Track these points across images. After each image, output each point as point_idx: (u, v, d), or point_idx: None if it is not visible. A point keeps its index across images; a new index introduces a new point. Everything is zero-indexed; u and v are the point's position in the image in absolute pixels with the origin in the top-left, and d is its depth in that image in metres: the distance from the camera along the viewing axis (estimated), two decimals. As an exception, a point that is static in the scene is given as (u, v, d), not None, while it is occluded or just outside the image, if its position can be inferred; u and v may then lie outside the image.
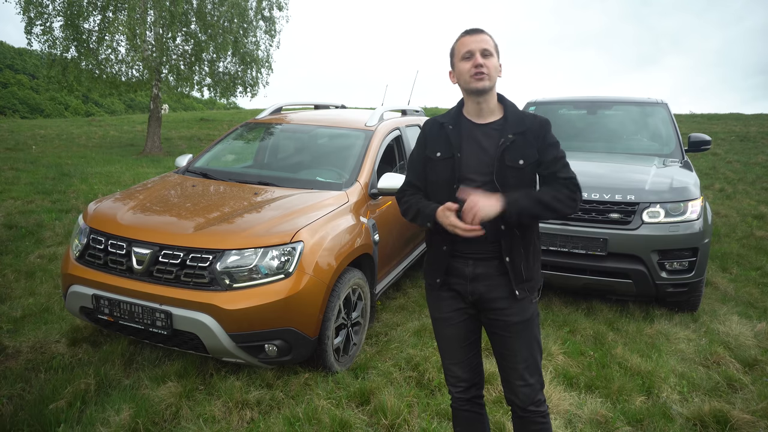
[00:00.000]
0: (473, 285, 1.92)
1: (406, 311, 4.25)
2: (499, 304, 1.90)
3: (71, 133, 16.86)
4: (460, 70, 1.89)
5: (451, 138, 1.93)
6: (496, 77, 1.88)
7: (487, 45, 1.86)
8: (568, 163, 1.92)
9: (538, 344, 1.95)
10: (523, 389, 1.92)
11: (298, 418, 2.70)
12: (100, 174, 9.55)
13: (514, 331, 1.91)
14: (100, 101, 55.04)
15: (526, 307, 1.91)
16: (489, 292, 1.90)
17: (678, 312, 4.32)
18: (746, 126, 16.54)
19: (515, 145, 1.86)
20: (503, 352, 1.95)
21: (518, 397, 1.94)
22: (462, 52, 1.88)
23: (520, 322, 1.90)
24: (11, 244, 5.43)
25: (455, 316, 1.99)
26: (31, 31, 12.96)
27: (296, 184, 3.74)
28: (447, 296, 1.99)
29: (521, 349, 1.91)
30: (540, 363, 1.96)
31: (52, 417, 2.65)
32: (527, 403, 1.93)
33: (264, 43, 15.39)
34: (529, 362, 1.92)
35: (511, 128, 1.88)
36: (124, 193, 3.72)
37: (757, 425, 2.75)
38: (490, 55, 1.86)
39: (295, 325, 2.88)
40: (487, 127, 1.92)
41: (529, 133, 1.87)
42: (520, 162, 1.85)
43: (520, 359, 1.91)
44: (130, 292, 2.90)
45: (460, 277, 1.93)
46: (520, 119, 1.90)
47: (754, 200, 8.65)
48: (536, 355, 1.94)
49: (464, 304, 1.97)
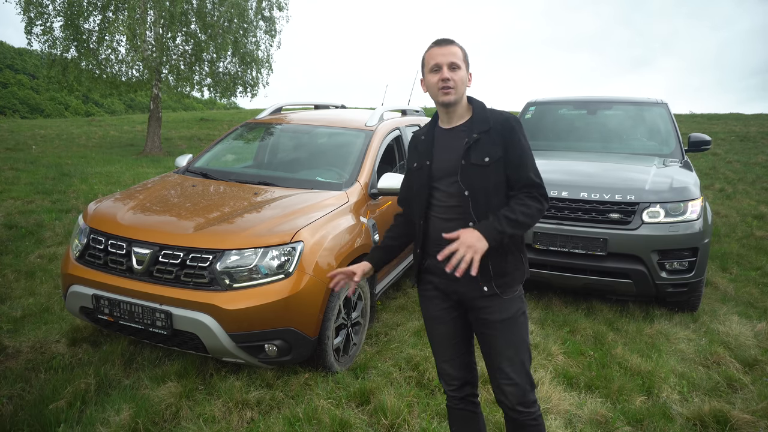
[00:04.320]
0: (454, 284, 1.94)
1: (406, 311, 4.26)
2: (479, 302, 1.91)
3: (71, 133, 16.86)
4: (428, 81, 1.92)
5: (421, 148, 2.01)
6: (464, 89, 1.92)
7: (454, 58, 1.88)
8: (535, 167, 1.90)
9: (525, 343, 1.93)
10: (508, 388, 1.91)
11: (298, 418, 2.70)
12: (100, 174, 9.55)
13: (497, 329, 1.90)
14: (100, 101, 55.00)
15: (508, 305, 1.90)
16: (468, 291, 1.92)
17: (678, 312, 4.32)
18: (746, 126, 16.54)
19: (480, 143, 1.87)
20: (488, 350, 1.96)
21: (506, 397, 1.93)
22: (431, 65, 1.90)
23: (503, 320, 1.89)
24: (11, 244, 5.43)
25: (443, 315, 2.01)
26: (31, 31, 12.97)
27: (296, 184, 3.74)
28: (434, 296, 2.03)
29: (505, 348, 1.90)
30: (527, 363, 1.93)
31: (52, 417, 2.65)
32: (514, 402, 1.91)
33: (264, 43, 15.40)
34: (514, 361, 1.90)
35: (477, 127, 1.90)
36: (124, 193, 3.72)
37: (757, 425, 2.75)
38: (458, 67, 1.88)
39: (295, 325, 2.88)
40: (455, 130, 1.95)
41: (493, 130, 1.88)
42: (486, 159, 1.86)
43: (504, 357, 1.90)
44: (130, 292, 2.90)
45: (443, 276, 1.96)
46: (485, 118, 1.91)
47: (754, 200, 8.65)
48: (522, 355, 1.91)
49: (450, 302, 2.00)
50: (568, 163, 4.84)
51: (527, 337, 1.95)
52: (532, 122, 5.93)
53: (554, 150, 5.50)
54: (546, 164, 4.67)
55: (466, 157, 1.87)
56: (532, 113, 6.08)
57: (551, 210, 4.18)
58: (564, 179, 4.33)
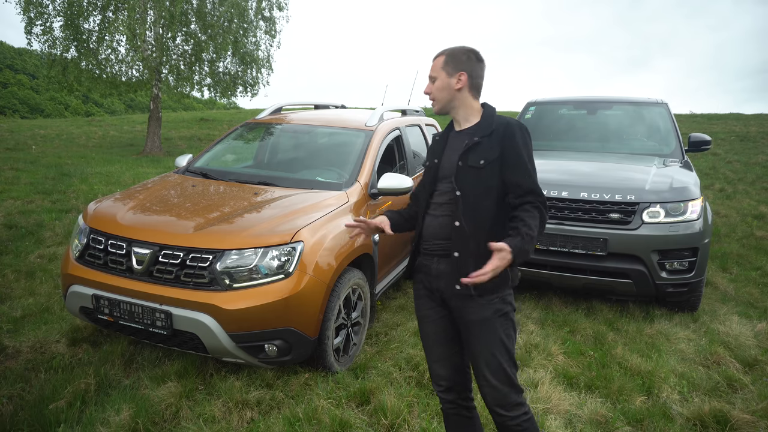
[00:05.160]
0: (437, 282, 1.96)
1: (406, 311, 4.26)
2: (456, 301, 1.92)
3: (71, 133, 16.86)
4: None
5: (435, 147, 2.09)
6: (445, 96, 1.97)
7: (432, 71, 1.99)
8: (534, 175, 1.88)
9: (504, 345, 1.87)
10: (485, 389, 1.90)
11: (298, 418, 2.70)
12: (100, 174, 9.55)
13: (472, 329, 1.90)
14: (100, 101, 55.02)
15: (485, 307, 1.86)
16: (448, 288, 1.93)
17: (678, 312, 4.32)
18: (746, 126, 16.54)
19: (479, 146, 1.90)
20: (467, 350, 1.97)
21: (484, 398, 1.92)
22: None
23: (479, 320, 1.87)
24: (11, 244, 5.43)
25: (432, 314, 2.03)
26: (31, 31, 12.97)
27: (296, 184, 3.74)
28: (423, 294, 2.05)
29: (481, 348, 1.89)
30: (506, 365, 1.87)
31: (52, 417, 2.65)
32: (492, 404, 1.90)
33: (264, 43, 15.42)
34: (490, 362, 1.87)
35: (480, 131, 1.93)
36: (124, 193, 3.72)
37: (757, 425, 2.75)
38: (435, 79, 1.98)
39: (295, 325, 2.88)
40: (463, 133, 2.00)
41: (494, 134, 1.90)
42: (480, 162, 1.88)
43: (480, 358, 1.89)
44: (130, 292, 2.90)
45: (429, 274, 1.98)
46: (490, 123, 1.94)
47: (754, 200, 8.65)
48: (500, 357, 1.86)
49: (437, 301, 2.00)
50: (568, 163, 4.84)
51: (508, 341, 1.89)
52: (531, 122, 5.93)
53: (554, 150, 5.50)
54: (546, 164, 4.68)
55: (463, 158, 1.91)
56: (532, 113, 6.08)
57: (551, 210, 4.18)
58: (564, 179, 4.33)
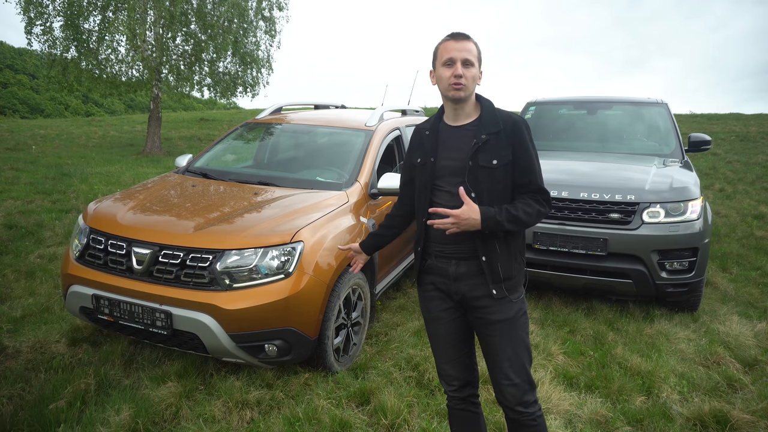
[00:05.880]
0: (456, 285, 1.94)
1: (406, 311, 4.25)
2: (481, 302, 1.92)
3: (71, 133, 16.86)
4: (440, 75, 1.89)
5: (426, 144, 1.98)
6: (474, 87, 1.90)
7: (469, 55, 1.84)
8: (541, 173, 1.90)
9: (524, 344, 1.93)
10: (508, 388, 1.92)
11: (298, 418, 2.70)
12: (100, 174, 9.55)
13: (497, 329, 1.91)
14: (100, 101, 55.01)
15: (509, 306, 1.91)
16: (470, 291, 1.92)
17: (678, 312, 4.32)
18: (746, 126, 16.54)
19: (488, 145, 1.86)
20: (488, 350, 1.96)
21: (505, 397, 1.94)
22: (444, 58, 1.87)
23: (503, 320, 1.90)
24: (11, 244, 5.43)
25: (444, 315, 2.01)
26: (31, 31, 12.98)
27: (296, 184, 3.74)
28: (435, 296, 2.02)
29: (505, 348, 1.91)
30: (527, 363, 1.93)
31: (52, 417, 2.65)
32: (514, 403, 1.92)
33: (264, 44, 15.42)
34: (513, 361, 1.91)
35: (486, 128, 1.88)
36: (124, 193, 3.72)
37: (757, 425, 2.75)
38: (471, 65, 1.85)
39: (295, 325, 2.88)
40: (462, 129, 1.94)
41: (503, 133, 1.87)
42: (494, 162, 1.85)
43: (504, 358, 1.91)
44: (130, 292, 2.90)
45: (445, 277, 1.96)
46: (495, 119, 1.90)
47: (754, 200, 8.65)
48: (521, 355, 1.92)
49: (452, 303, 2.00)
50: (568, 163, 4.84)
51: (527, 338, 1.96)
52: (532, 122, 5.93)
53: (554, 150, 5.50)
54: (546, 164, 4.65)
55: (474, 158, 1.86)
56: (532, 113, 6.08)
57: (551, 210, 4.18)
58: (564, 179, 4.33)
